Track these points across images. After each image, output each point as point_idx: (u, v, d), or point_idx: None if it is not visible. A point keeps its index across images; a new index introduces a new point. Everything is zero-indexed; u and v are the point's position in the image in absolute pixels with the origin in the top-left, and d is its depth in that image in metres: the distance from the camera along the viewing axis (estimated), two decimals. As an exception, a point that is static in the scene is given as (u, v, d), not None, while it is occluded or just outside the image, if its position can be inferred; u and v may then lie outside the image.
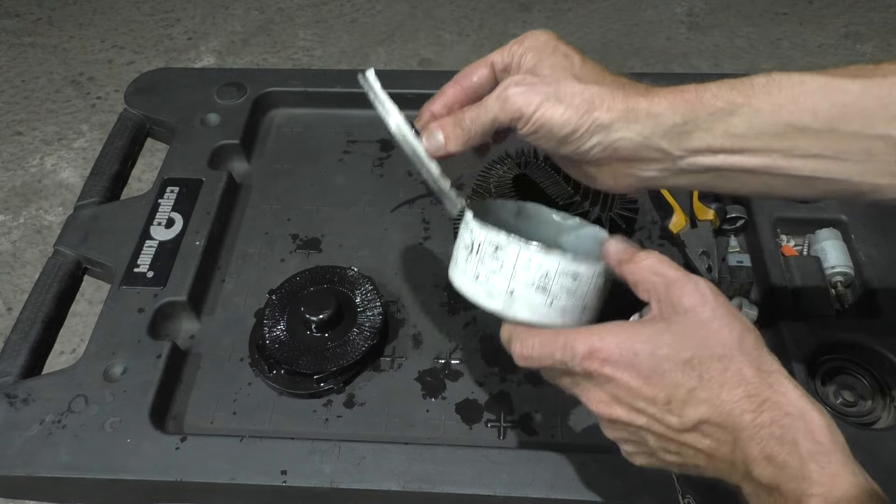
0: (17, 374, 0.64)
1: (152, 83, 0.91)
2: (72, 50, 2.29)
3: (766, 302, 0.67)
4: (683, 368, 0.39)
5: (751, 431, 0.37)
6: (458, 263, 0.49)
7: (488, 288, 0.47)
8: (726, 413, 0.38)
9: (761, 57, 2.09)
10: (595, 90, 0.45)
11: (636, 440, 0.43)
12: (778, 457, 0.36)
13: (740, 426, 0.38)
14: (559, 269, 0.46)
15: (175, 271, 0.71)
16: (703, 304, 0.40)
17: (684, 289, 0.41)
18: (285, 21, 2.35)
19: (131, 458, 0.59)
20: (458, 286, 0.49)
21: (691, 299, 0.41)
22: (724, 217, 0.72)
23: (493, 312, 0.48)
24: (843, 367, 0.63)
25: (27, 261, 1.74)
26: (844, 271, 0.68)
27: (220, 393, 0.65)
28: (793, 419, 0.37)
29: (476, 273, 0.48)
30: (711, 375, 0.39)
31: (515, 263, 0.46)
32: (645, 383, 0.40)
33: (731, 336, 0.39)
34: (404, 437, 0.61)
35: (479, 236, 0.47)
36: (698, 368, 0.39)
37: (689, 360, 0.39)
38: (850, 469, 0.36)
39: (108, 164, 0.82)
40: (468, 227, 0.48)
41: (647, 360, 0.40)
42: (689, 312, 0.40)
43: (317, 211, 0.80)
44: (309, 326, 0.66)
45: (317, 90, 0.90)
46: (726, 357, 0.39)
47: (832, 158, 0.43)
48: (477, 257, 0.47)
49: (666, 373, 0.40)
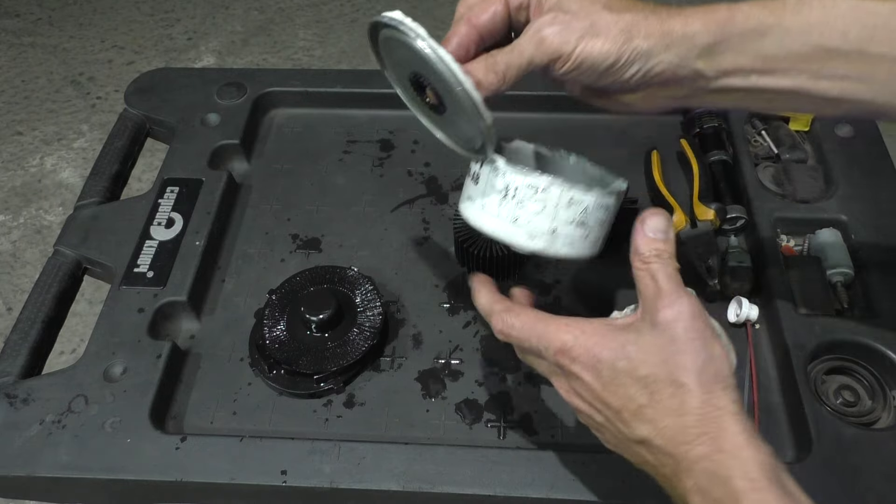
0: (17, 374, 0.64)
1: (152, 83, 0.91)
2: (72, 50, 2.29)
3: (766, 302, 0.67)
4: (637, 385, 0.40)
5: (685, 464, 0.38)
6: (487, 209, 0.49)
7: (529, 230, 0.48)
8: (667, 438, 0.39)
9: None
10: (630, 18, 0.44)
11: (598, 431, 0.46)
12: (710, 492, 0.37)
13: (677, 456, 0.39)
14: (596, 203, 0.48)
15: (175, 271, 0.71)
16: (677, 324, 0.40)
17: (666, 303, 0.41)
18: (285, 21, 2.35)
19: (131, 458, 0.59)
20: (492, 231, 0.50)
21: (668, 315, 0.41)
22: (724, 217, 0.72)
23: (531, 252, 0.49)
24: (843, 366, 0.63)
25: (27, 261, 1.74)
26: (844, 271, 0.68)
27: (220, 393, 0.65)
28: (726, 456, 0.37)
29: (515, 216, 0.48)
30: (661, 398, 0.40)
31: (558, 203, 0.47)
32: (603, 389, 0.42)
33: (692, 363, 0.40)
34: (404, 437, 0.61)
35: (516, 180, 0.48)
36: (651, 388, 0.40)
37: (645, 378, 0.40)
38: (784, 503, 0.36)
39: (108, 164, 0.82)
40: (499, 172, 0.48)
41: (607, 369, 0.41)
42: (662, 328, 0.41)
43: (317, 211, 0.80)
44: (309, 326, 0.66)
45: (317, 90, 0.90)
46: (678, 384, 0.39)
47: (859, 80, 0.43)
48: (514, 201, 0.48)
49: (621, 385, 0.41)
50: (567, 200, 0.47)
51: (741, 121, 0.81)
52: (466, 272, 0.73)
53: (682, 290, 0.42)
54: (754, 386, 0.63)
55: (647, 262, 0.43)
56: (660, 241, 0.44)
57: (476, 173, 0.51)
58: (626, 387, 0.41)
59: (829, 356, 0.63)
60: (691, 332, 0.40)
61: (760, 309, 0.67)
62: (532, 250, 0.49)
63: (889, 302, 0.65)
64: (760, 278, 0.69)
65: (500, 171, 0.49)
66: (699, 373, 0.39)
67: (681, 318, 0.41)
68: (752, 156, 0.79)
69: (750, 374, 0.64)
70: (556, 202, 0.47)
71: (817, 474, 0.55)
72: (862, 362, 0.62)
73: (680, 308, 0.41)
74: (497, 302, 0.49)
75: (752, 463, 0.37)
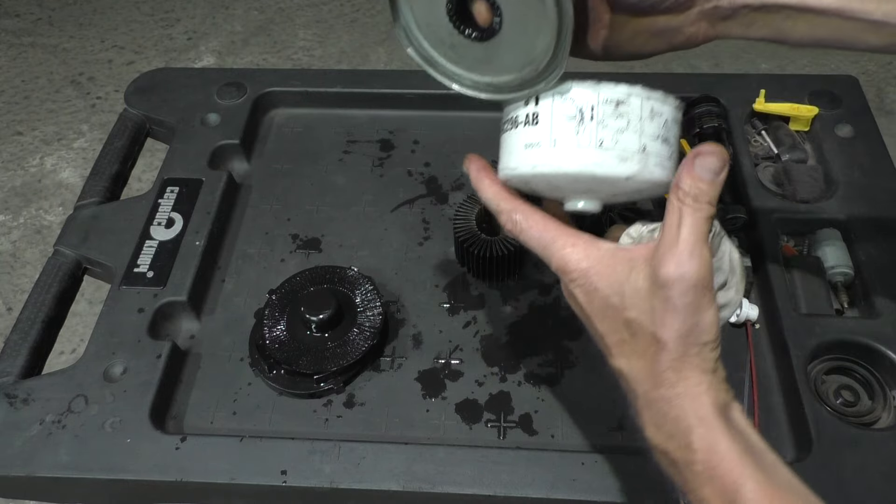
0: (17, 374, 0.64)
1: (152, 83, 0.91)
2: (72, 50, 2.29)
3: (766, 302, 0.67)
4: (622, 323, 0.42)
5: (644, 401, 0.41)
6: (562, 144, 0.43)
7: (619, 151, 0.42)
8: (633, 377, 0.42)
9: (761, 57, 2.09)
10: None
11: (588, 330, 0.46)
12: (663, 426, 0.40)
13: (637, 392, 0.41)
14: (672, 116, 0.44)
15: (175, 271, 0.71)
16: (676, 286, 0.39)
17: (674, 261, 0.39)
18: (285, 21, 2.35)
19: (131, 458, 0.59)
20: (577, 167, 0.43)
21: (671, 273, 0.39)
22: (724, 217, 0.72)
23: (624, 178, 0.43)
24: (843, 367, 0.63)
25: (27, 261, 1.74)
26: (844, 271, 0.68)
27: (220, 393, 0.65)
28: (681, 398, 0.40)
29: (599, 139, 0.42)
30: (639, 342, 0.41)
31: (641, 115, 0.43)
32: (593, 314, 0.43)
33: (678, 326, 0.40)
34: (404, 437, 0.61)
35: (589, 98, 0.43)
36: (633, 329, 0.41)
37: (630, 322, 0.41)
38: (730, 437, 0.38)
39: (108, 164, 0.82)
40: (568, 93, 0.43)
41: (600, 300, 0.42)
42: (660, 283, 0.40)
43: (317, 211, 0.80)
44: (309, 326, 0.66)
45: (317, 90, 0.90)
46: (657, 339, 0.40)
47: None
48: (594, 122, 0.42)
49: (609, 318, 0.42)
50: (649, 112, 0.43)
51: (741, 121, 0.81)
52: (466, 272, 0.73)
53: (697, 249, 0.40)
54: (754, 386, 0.63)
55: (682, 200, 0.41)
56: (706, 181, 0.41)
57: (531, 114, 0.45)
58: (612, 320, 0.42)
59: (829, 356, 0.63)
60: (687, 297, 0.39)
61: (760, 309, 0.67)
62: (626, 175, 0.43)
63: (889, 302, 0.65)
64: (760, 278, 0.69)
65: (569, 93, 0.43)
66: (681, 336, 0.40)
67: (681, 282, 0.39)
68: (752, 156, 0.79)
69: (750, 374, 0.64)
70: (640, 114, 0.42)
71: (817, 474, 0.55)
72: (862, 362, 0.62)
73: (684, 271, 0.39)
74: (504, 198, 0.47)
75: (702, 405, 0.39)
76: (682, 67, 2.03)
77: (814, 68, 2.03)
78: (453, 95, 0.50)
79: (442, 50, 0.47)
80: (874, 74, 2.04)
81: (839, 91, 0.83)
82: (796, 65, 2.06)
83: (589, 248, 0.43)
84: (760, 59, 2.09)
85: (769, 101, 0.81)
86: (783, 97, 0.82)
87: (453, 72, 0.48)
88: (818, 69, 2.02)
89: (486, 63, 0.46)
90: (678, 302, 0.39)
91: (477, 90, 0.48)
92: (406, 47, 0.48)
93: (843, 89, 0.84)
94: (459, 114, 0.87)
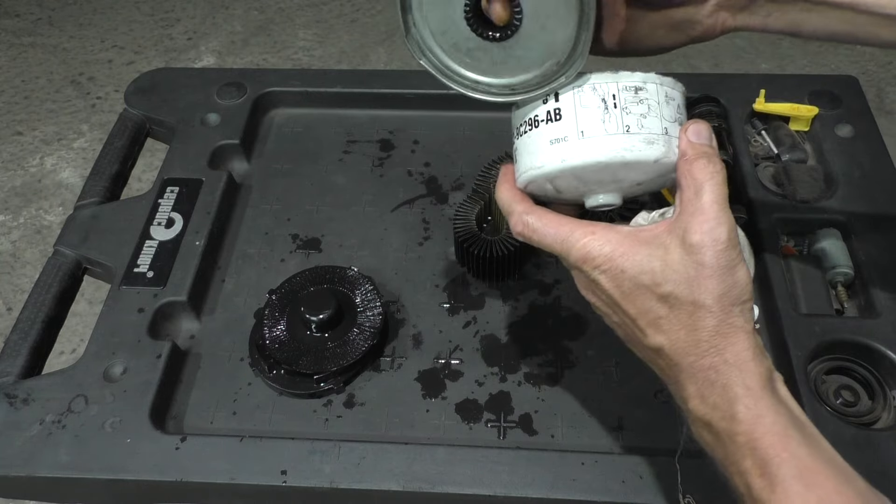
0: (17, 374, 0.64)
1: (152, 83, 0.91)
2: (72, 50, 2.29)
3: (766, 302, 0.67)
4: (659, 299, 0.41)
5: (689, 372, 0.41)
6: (590, 133, 0.44)
7: (645, 136, 0.44)
8: (677, 350, 0.41)
9: (761, 57, 2.09)
10: None
11: (612, 327, 0.47)
12: (709, 397, 0.40)
13: (682, 365, 0.41)
14: (682, 99, 0.46)
15: (175, 271, 0.71)
16: (708, 250, 0.40)
17: (704, 227, 0.41)
18: (285, 21, 2.35)
19: (131, 458, 0.59)
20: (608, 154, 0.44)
21: (703, 239, 0.40)
22: (724, 217, 0.72)
23: (653, 161, 0.44)
24: (843, 367, 0.63)
25: (27, 261, 1.74)
26: (844, 271, 0.68)
27: (220, 393, 0.65)
28: (729, 366, 0.40)
29: (626, 125, 0.44)
30: (679, 314, 0.41)
31: (658, 100, 0.44)
32: (622, 298, 0.43)
33: (716, 287, 0.40)
34: (404, 437, 0.61)
35: (610, 87, 0.44)
36: (671, 302, 0.41)
37: (667, 296, 0.41)
38: (776, 410, 0.39)
39: (108, 164, 0.82)
40: (589, 84, 0.44)
41: (629, 280, 0.42)
42: (692, 250, 0.41)
43: (317, 211, 0.80)
44: (309, 326, 0.66)
45: (317, 90, 0.90)
46: (698, 304, 0.40)
47: None
48: (618, 110, 0.44)
49: (641, 297, 0.42)
50: (664, 96, 0.44)
51: (741, 121, 0.81)
52: (466, 272, 0.73)
53: (723, 214, 0.41)
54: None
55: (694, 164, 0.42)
56: (705, 145, 0.43)
57: (552, 111, 0.46)
58: (645, 299, 0.42)
59: (829, 356, 0.63)
60: (721, 258, 0.40)
61: (760, 309, 0.67)
62: (655, 158, 0.44)
63: (889, 302, 0.65)
64: (760, 278, 0.69)
65: (589, 84, 0.45)
66: (721, 296, 0.40)
67: (714, 244, 0.40)
68: (752, 156, 0.79)
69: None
70: (657, 99, 0.44)
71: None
72: (862, 362, 0.62)
73: (716, 236, 0.40)
74: (518, 201, 0.47)
75: (750, 374, 0.39)
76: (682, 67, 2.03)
77: (814, 68, 2.03)
78: (453, 95, 0.51)
79: (457, 57, 0.48)
80: (874, 74, 2.04)
81: (839, 91, 0.83)
82: (796, 65, 2.06)
83: (609, 233, 0.43)
84: (760, 59, 2.09)
85: (769, 101, 0.81)
86: (783, 97, 0.82)
87: (469, 78, 0.48)
88: (818, 69, 2.02)
89: (503, 64, 0.47)
90: (713, 263, 0.40)
91: (493, 94, 0.48)
92: (419, 59, 0.48)
93: (843, 89, 0.84)
94: (459, 114, 0.87)
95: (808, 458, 0.38)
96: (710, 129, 0.45)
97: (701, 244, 0.40)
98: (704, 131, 0.44)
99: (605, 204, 0.48)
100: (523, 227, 0.46)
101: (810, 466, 0.37)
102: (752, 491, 0.38)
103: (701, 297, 0.40)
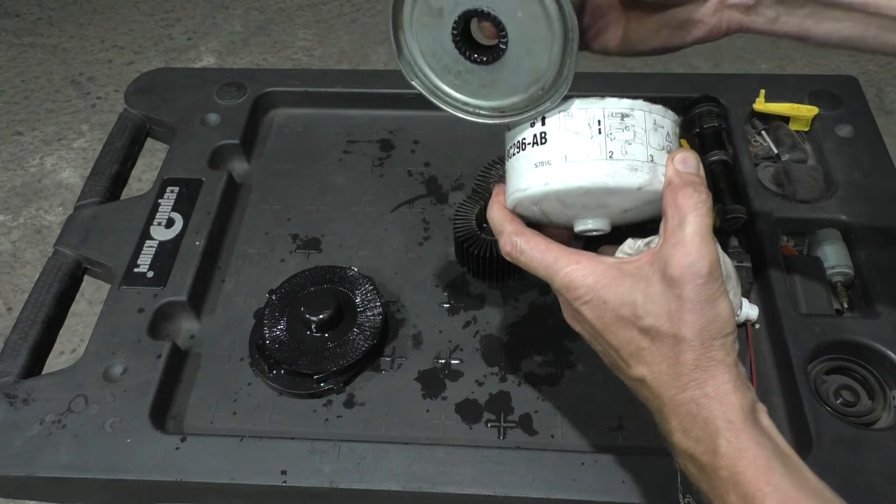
0: (17, 374, 0.64)
1: (152, 83, 0.91)
2: (72, 50, 2.29)
3: (766, 302, 0.67)
4: (640, 332, 0.42)
5: (671, 405, 0.41)
6: (573, 158, 0.44)
7: (629, 162, 0.44)
8: (659, 382, 0.41)
9: (761, 57, 2.09)
10: None
11: (598, 354, 0.47)
12: (692, 431, 0.40)
13: (664, 398, 0.41)
14: (673, 128, 0.46)
15: (175, 271, 0.71)
16: (689, 284, 0.40)
17: (684, 261, 0.40)
18: (285, 21, 2.35)
19: (131, 458, 0.59)
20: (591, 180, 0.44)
21: (683, 273, 0.40)
22: (724, 217, 0.72)
23: (636, 188, 0.44)
24: (843, 367, 0.63)
25: (27, 261, 1.74)
26: (844, 271, 0.68)
27: (220, 393, 0.65)
28: (710, 400, 0.40)
29: (609, 151, 0.44)
30: (661, 347, 0.41)
31: (645, 127, 0.44)
32: (604, 328, 0.43)
33: (696, 321, 0.40)
34: (404, 437, 0.61)
35: (595, 112, 0.44)
36: (653, 335, 0.41)
37: (648, 329, 0.41)
38: (758, 442, 0.39)
39: (108, 164, 0.82)
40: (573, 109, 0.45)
41: (610, 313, 0.42)
42: (672, 283, 0.41)
43: (317, 211, 0.80)
44: (309, 326, 0.66)
45: (317, 90, 0.90)
46: (679, 338, 0.41)
47: None
48: (602, 135, 0.44)
49: (622, 329, 0.42)
50: (652, 124, 0.44)
51: (741, 121, 0.81)
52: (466, 272, 0.73)
53: (704, 246, 0.41)
54: (754, 386, 0.63)
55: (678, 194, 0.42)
56: (692, 174, 0.43)
57: (538, 134, 0.46)
58: (627, 331, 0.42)
59: (829, 356, 0.63)
60: (702, 293, 0.40)
61: (760, 309, 0.67)
62: (638, 185, 0.44)
63: (889, 302, 0.65)
64: (760, 278, 0.69)
65: (575, 108, 0.45)
66: (701, 330, 0.40)
67: (695, 280, 0.40)
68: (752, 156, 0.79)
69: (750, 374, 0.64)
70: (644, 126, 0.44)
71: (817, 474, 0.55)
72: (862, 362, 0.62)
73: (696, 270, 0.40)
74: (508, 221, 0.48)
75: (732, 407, 0.39)
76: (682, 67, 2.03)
77: (814, 68, 2.03)
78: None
79: (447, 79, 0.48)
80: (874, 74, 2.04)
81: (839, 91, 0.83)
82: (796, 65, 2.06)
83: (593, 264, 0.44)
84: (760, 59, 2.09)
85: (769, 101, 0.81)
86: (783, 97, 0.82)
87: (459, 100, 0.49)
88: (818, 69, 2.02)
89: (491, 87, 0.47)
90: (693, 297, 0.40)
91: (482, 116, 0.49)
92: (411, 80, 0.49)
93: (843, 89, 0.84)
94: (459, 114, 0.87)
95: (792, 490, 0.38)
96: (698, 158, 0.44)
97: (681, 278, 0.40)
98: (692, 160, 0.44)
99: (594, 229, 0.48)
100: (511, 248, 0.47)
101: (794, 498, 0.37)
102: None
103: (681, 330, 0.40)
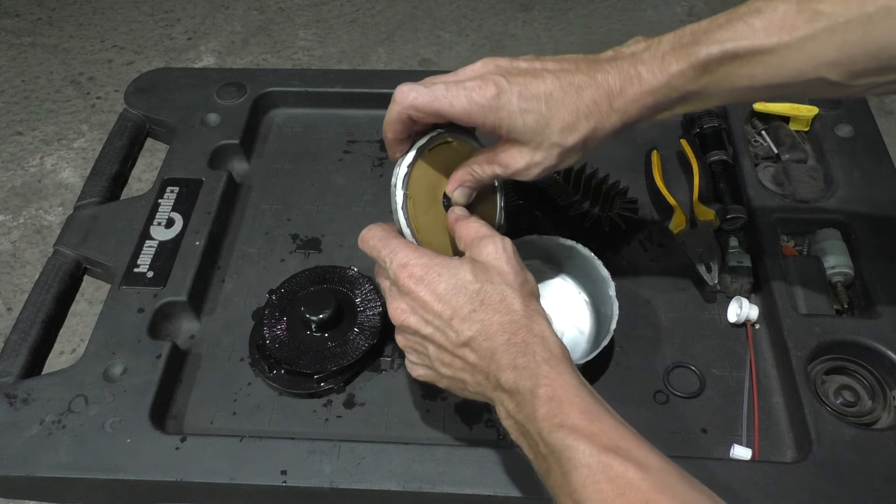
0: (17, 374, 0.64)
1: (152, 83, 0.91)
2: (72, 50, 2.29)
3: (766, 302, 0.67)
4: (471, 295, 0.49)
5: (504, 348, 0.47)
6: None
7: None
8: (491, 333, 0.48)
9: (761, 57, 2.08)
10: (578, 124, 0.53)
11: (420, 350, 0.52)
12: (519, 363, 0.46)
13: (497, 344, 0.47)
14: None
15: (175, 271, 0.71)
16: (499, 258, 0.50)
17: (489, 244, 0.51)
18: (285, 21, 2.35)
19: (131, 458, 0.59)
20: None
21: (491, 252, 0.50)
22: (724, 217, 0.72)
23: None
24: (843, 367, 0.63)
25: (27, 261, 1.74)
26: (844, 271, 0.68)
27: (220, 393, 0.65)
28: (535, 337, 0.47)
29: None
30: (490, 303, 0.49)
31: None
32: (437, 300, 0.49)
33: (515, 279, 0.50)
34: (404, 437, 0.61)
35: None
36: (482, 296, 0.49)
37: (478, 291, 0.49)
38: (572, 373, 0.46)
39: (108, 164, 0.82)
40: None
41: (444, 283, 0.49)
42: (486, 262, 0.50)
43: (317, 211, 0.80)
44: (309, 326, 0.66)
45: (317, 90, 0.90)
46: (505, 293, 0.49)
47: None
48: None
49: (455, 296, 0.49)
50: None
51: (741, 121, 0.81)
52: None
53: (497, 234, 0.52)
54: (754, 386, 0.63)
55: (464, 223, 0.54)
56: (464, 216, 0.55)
57: None
58: (459, 296, 0.49)
59: (829, 356, 0.63)
60: (511, 261, 0.50)
61: (760, 309, 0.67)
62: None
63: (889, 302, 0.65)
64: (760, 278, 0.69)
65: None
66: (520, 286, 0.49)
67: (501, 255, 0.50)
68: (752, 156, 0.79)
69: (750, 375, 0.64)
70: None
71: (817, 474, 0.55)
72: (862, 362, 0.63)
73: (497, 247, 0.51)
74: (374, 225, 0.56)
75: (553, 344, 0.47)
76: (682, 67, 2.03)
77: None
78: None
79: None
80: (874, 74, 2.04)
81: (839, 91, 0.83)
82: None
83: (428, 253, 0.51)
84: (760, 59, 2.08)
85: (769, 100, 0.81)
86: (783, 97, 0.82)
87: None
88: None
89: None
90: (506, 267, 0.50)
91: None
92: None
93: (843, 89, 0.84)
94: (459, 114, 0.87)
95: (595, 405, 0.44)
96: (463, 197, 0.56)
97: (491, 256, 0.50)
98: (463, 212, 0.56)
99: None
100: (364, 233, 0.55)
101: (594, 410, 0.44)
102: (542, 434, 0.43)
103: (506, 287, 0.49)
